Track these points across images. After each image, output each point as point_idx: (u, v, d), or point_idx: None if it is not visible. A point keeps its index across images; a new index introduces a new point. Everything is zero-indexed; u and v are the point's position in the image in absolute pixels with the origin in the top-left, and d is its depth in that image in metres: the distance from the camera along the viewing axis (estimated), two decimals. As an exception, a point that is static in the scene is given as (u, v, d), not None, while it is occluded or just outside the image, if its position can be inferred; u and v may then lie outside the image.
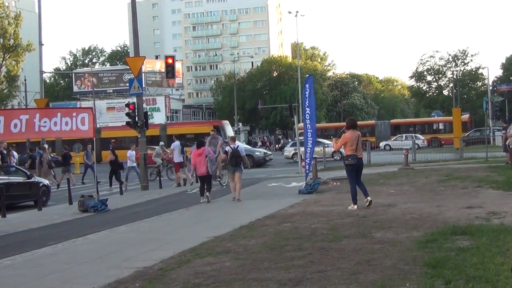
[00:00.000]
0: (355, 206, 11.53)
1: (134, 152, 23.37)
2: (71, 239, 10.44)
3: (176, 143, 21.85)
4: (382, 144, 45.47)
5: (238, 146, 15.94)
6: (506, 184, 14.01)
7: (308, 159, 17.05)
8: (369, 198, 11.59)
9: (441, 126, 56.22)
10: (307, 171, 17.23)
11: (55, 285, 6.73)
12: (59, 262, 8.17)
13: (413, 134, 50.35)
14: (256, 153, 34.74)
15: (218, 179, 19.70)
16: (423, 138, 46.19)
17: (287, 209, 12.26)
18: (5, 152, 23.83)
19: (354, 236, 8.34)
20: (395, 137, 51.47)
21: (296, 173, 23.86)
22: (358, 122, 13.43)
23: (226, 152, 16.18)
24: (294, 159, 34.75)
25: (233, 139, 16.81)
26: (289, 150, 38.29)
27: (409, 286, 5.43)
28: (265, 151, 39.48)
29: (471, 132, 49.68)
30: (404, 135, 51.54)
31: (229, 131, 44.26)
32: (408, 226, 8.93)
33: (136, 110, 21.93)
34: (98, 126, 45.12)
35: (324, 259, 6.88)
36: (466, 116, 52.07)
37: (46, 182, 19.74)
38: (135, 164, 23.47)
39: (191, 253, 7.95)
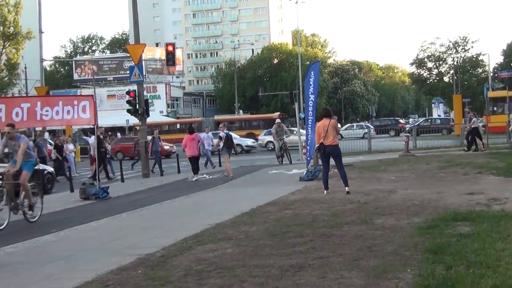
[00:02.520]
0: (325, 192, 12.03)
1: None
2: (73, 226, 10.47)
3: (92, 138, 22.13)
4: None
5: (228, 132, 19.53)
6: (507, 170, 14.03)
7: (309, 146, 17.09)
8: (347, 188, 11.80)
9: (256, 123, 57.95)
10: (308, 158, 17.28)
11: (57, 272, 6.74)
12: (61, 249, 8.20)
13: (363, 123, 54.80)
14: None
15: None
16: (372, 127, 45.97)
17: (288, 196, 12.29)
18: (101, 137, 23.81)
19: (355, 222, 8.37)
20: (346, 126, 52.92)
21: (297, 160, 23.89)
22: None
23: (220, 138, 18.81)
24: (268, 147, 35.51)
25: (224, 125, 20.35)
26: (262, 139, 38.49)
27: (410, 272, 5.44)
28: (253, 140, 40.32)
29: (421, 122, 53.10)
30: (354, 124, 55.70)
31: None
32: (409, 213, 8.95)
33: (136, 98, 21.93)
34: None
35: (326, 246, 6.90)
36: (276, 114, 52.79)
37: (51, 169, 19.84)
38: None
39: (192, 240, 7.97)
